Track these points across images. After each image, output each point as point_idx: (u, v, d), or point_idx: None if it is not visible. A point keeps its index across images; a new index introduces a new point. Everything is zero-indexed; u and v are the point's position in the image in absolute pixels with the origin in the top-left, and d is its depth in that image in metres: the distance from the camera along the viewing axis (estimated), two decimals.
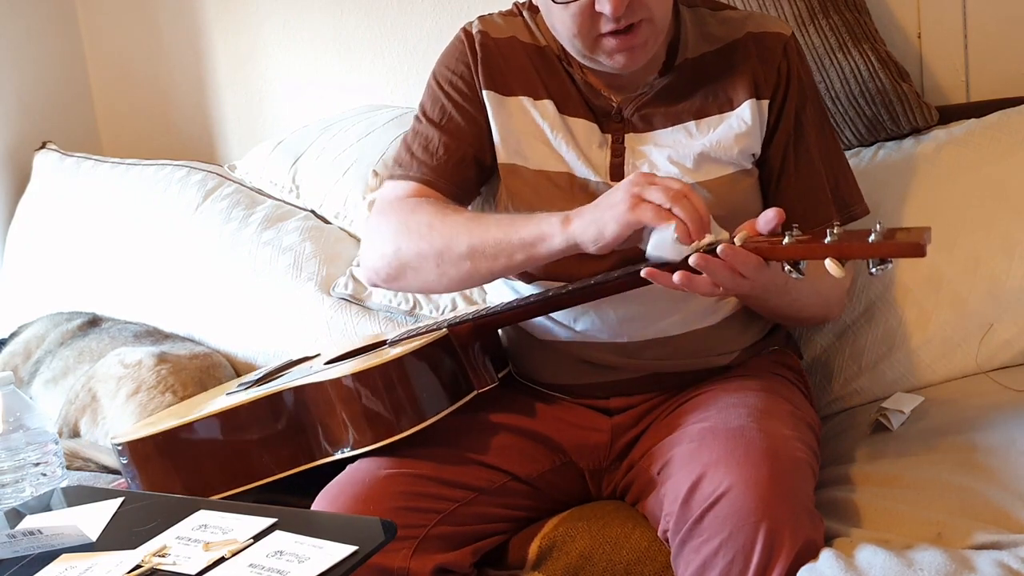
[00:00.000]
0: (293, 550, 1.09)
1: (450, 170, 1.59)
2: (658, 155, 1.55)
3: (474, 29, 1.63)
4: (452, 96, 1.61)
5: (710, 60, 1.57)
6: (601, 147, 1.56)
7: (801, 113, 1.58)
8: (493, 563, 1.51)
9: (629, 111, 1.57)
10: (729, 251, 1.30)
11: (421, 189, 1.58)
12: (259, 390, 1.57)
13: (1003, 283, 1.76)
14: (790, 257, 1.27)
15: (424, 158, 1.60)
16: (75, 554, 1.17)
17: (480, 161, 1.60)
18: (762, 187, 1.59)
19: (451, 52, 1.64)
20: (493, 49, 1.61)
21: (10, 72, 2.52)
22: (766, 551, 1.25)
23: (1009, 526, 1.32)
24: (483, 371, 1.53)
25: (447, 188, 1.58)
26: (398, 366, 1.45)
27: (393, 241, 1.55)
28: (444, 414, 1.46)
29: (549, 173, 1.56)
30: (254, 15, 2.53)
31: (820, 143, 1.59)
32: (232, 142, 2.62)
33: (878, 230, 1.21)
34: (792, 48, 1.58)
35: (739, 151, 1.55)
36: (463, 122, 1.60)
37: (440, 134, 1.60)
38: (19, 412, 1.50)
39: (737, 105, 1.55)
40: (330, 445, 1.49)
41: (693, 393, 1.55)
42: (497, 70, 1.60)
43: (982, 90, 2.04)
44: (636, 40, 1.47)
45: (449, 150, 1.59)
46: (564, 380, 1.60)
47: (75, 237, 2.35)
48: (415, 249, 1.53)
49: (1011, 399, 1.64)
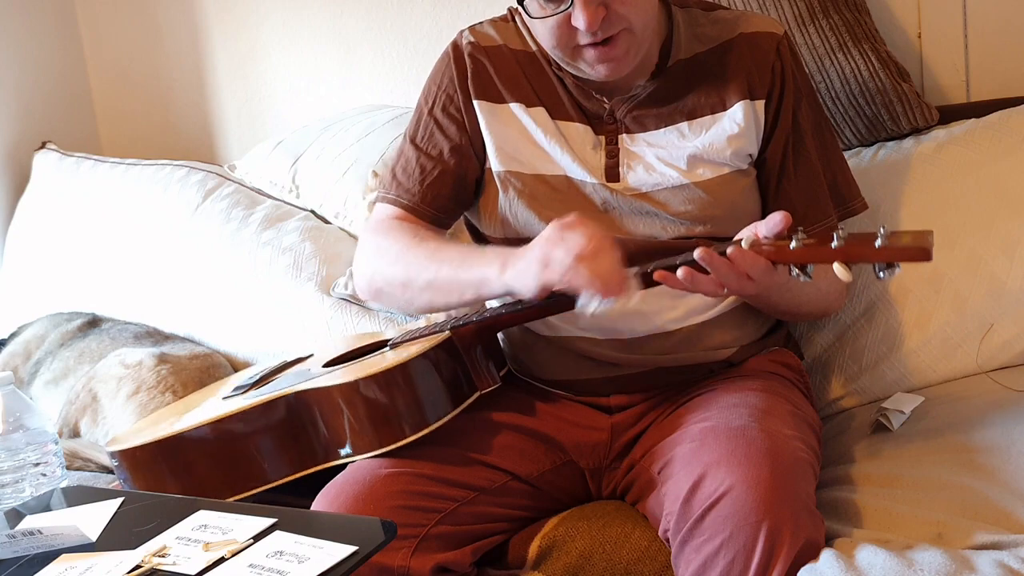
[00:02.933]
0: (293, 550, 1.09)
1: (429, 194, 1.62)
2: (651, 156, 1.55)
3: (464, 41, 1.64)
4: (436, 116, 1.64)
5: (703, 61, 1.57)
6: (595, 149, 1.57)
7: (798, 112, 1.58)
8: (493, 562, 1.51)
9: (621, 113, 1.57)
10: (737, 253, 1.30)
11: (400, 213, 1.63)
12: (258, 395, 1.56)
13: (1003, 283, 1.76)
14: (797, 261, 1.27)
15: (404, 181, 1.64)
16: (75, 554, 1.17)
17: (463, 181, 1.63)
18: (761, 187, 1.60)
19: (437, 70, 1.67)
20: (483, 59, 1.62)
21: (10, 72, 2.52)
22: (767, 551, 1.25)
23: (1009, 526, 1.32)
24: (485, 372, 1.53)
25: (425, 211, 1.63)
26: (404, 370, 1.45)
27: (370, 264, 1.63)
28: (449, 417, 1.46)
29: (546, 177, 1.57)
30: (254, 15, 2.53)
31: (817, 141, 1.60)
32: (232, 142, 2.62)
33: (883, 234, 1.20)
34: (785, 47, 1.58)
35: (732, 152, 1.55)
36: (445, 143, 1.62)
37: (420, 156, 1.64)
38: (19, 412, 1.50)
39: (729, 106, 1.55)
40: (333, 450, 1.48)
41: (694, 393, 1.55)
42: (488, 80, 1.61)
43: (982, 90, 2.04)
44: (616, 51, 1.48)
45: (426, 173, 1.62)
46: (565, 376, 1.60)
47: (75, 237, 2.35)
48: (384, 275, 1.60)
49: (1011, 399, 1.64)
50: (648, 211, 1.55)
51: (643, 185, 1.55)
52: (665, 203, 1.54)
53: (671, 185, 1.54)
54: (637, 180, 1.55)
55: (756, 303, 1.57)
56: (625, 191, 1.55)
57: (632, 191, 1.55)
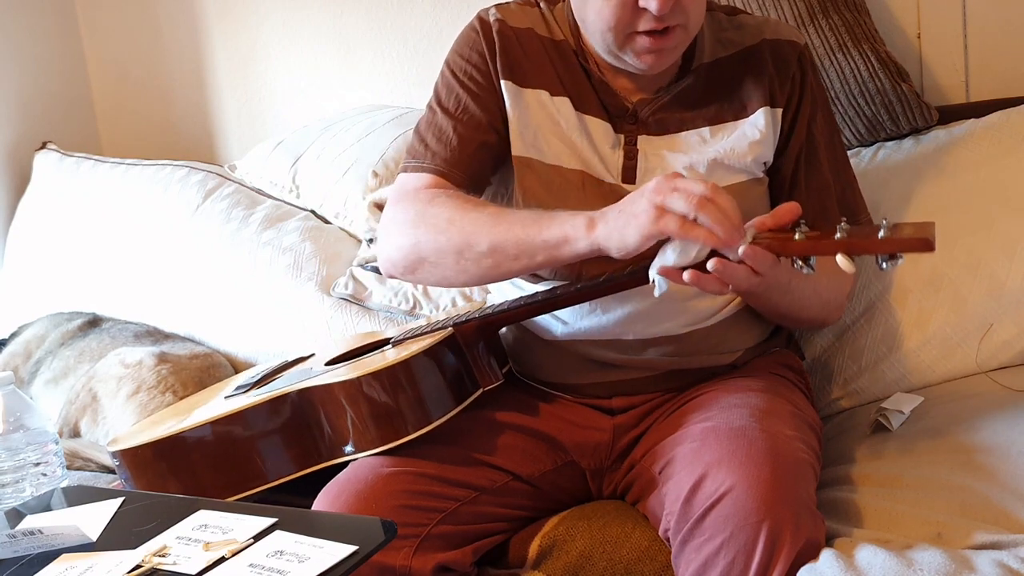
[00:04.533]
0: (293, 550, 1.09)
1: (465, 161, 1.56)
2: (671, 159, 1.54)
3: (491, 17, 1.60)
4: (467, 85, 1.58)
5: (725, 65, 1.57)
6: (614, 148, 1.56)
7: (813, 123, 1.58)
8: (493, 562, 1.51)
9: (644, 113, 1.56)
10: (749, 251, 1.28)
11: (437, 180, 1.55)
12: (261, 393, 1.56)
13: (1003, 283, 1.76)
14: (802, 252, 1.27)
15: (438, 149, 1.57)
16: (75, 554, 1.17)
17: (494, 151, 1.58)
18: (772, 196, 1.59)
19: (465, 41, 1.62)
20: (512, 38, 1.58)
21: (10, 72, 2.52)
22: (767, 551, 1.24)
23: (1009, 526, 1.32)
24: (488, 369, 1.52)
25: (462, 179, 1.56)
26: (406, 367, 1.44)
27: (411, 234, 1.52)
28: (452, 414, 1.45)
29: (563, 169, 1.55)
30: (254, 15, 2.53)
31: (830, 153, 1.60)
32: (232, 142, 2.62)
33: (886, 225, 1.21)
34: (806, 58, 1.58)
35: (752, 159, 1.54)
36: (478, 111, 1.57)
37: (455, 123, 1.57)
38: (19, 412, 1.50)
39: (751, 112, 1.55)
40: (335, 448, 1.48)
41: (695, 393, 1.55)
42: (516, 60, 1.58)
43: (982, 90, 2.04)
44: (669, 43, 1.47)
45: (463, 140, 1.56)
46: (567, 379, 1.60)
47: (75, 237, 2.35)
48: (434, 243, 1.49)
49: (1011, 399, 1.64)
50: None
51: None
52: None
53: None
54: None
55: (756, 304, 1.57)
56: None
57: None
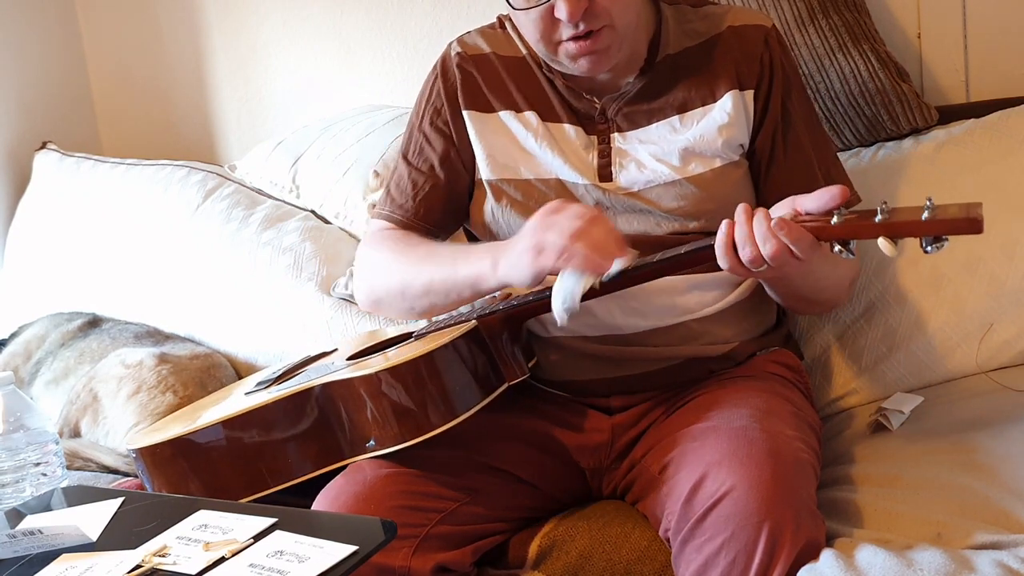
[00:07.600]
0: (293, 550, 1.09)
1: (422, 208, 1.66)
2: (643, 153, 1.56)
3: (452, 52, 1.67)
4: (425, 130, 1.66)
5: (692, 55, 1.58)
6: (587, 150, 1.58)
7: (787, 101, 1.58)
8: (493, 562, 1.51)
9: (612, 111, 1.58)
10: (783, 224, 1.26)
11: (388, 226, 1.67)
12: (281, 389, 1.53)
13: (1003, 283, 1.77)
14: (842, 236, 1.23)
15: (396, 196, 1.68)
16: (75, 554, 1.17)
17: (454, 193, 1.66)
18: (753, 177, 1.60)
19: (425, 85, 1.70)
20: (471, 69, 1.64)
21: (10, 72, 2.52)
22: (768, 551, 1.25)
23: (1009, 526, 1.32)
24: (513, 362, 1.51)
25: (418, 226, 1.66)
26: (428, 360, 1.42)
27: (366, 277, 1.68)
28: (477, 409, 1.43)
29: (539, 181, 1.59)
30: (254, 15, 2.53)
31: (809, 131, 1.60)
32: (232, 142, 2.62)
33: (929, 206, 1.16)
34: (773, 38, 1.59)
35: (723, 142, 1.55)
36: (434, 156, 1.65)
37: (410, 170, 1.67)
38: (20, 412, 1.50)
39: (719, 97, 1.56)
40: (357, 444, 1.45)
41: (695, 393, 1.55)
42: (477, 89, 1.63)
43: (982, 90, 2.04)
44: (597, 46, 1.48)
45: (418, 188, 1.66)
46: (564, 376, 1.60)
47: (75, 237, 2.35)
48: (383, 286, 1.64)
49: (1011, 399, 1.64)
50: (641, 209, 1.55)
51: (635, 183, 1.56)
52: (657, 200, 1.55)
53: (663, 182, 1.55)
54: (629, 179, 1.56)
55: (777, 289, 1.55)
56: (617, 191, 1.56)
57: (624, 190, 1.56)
